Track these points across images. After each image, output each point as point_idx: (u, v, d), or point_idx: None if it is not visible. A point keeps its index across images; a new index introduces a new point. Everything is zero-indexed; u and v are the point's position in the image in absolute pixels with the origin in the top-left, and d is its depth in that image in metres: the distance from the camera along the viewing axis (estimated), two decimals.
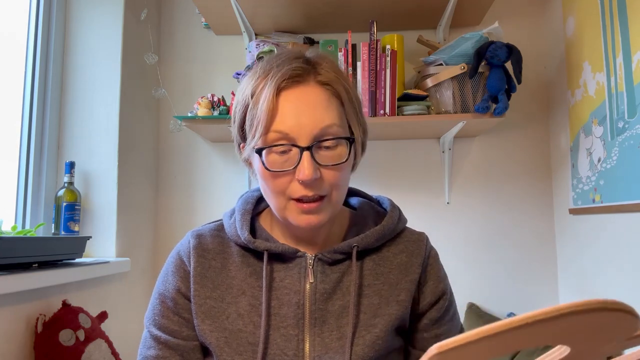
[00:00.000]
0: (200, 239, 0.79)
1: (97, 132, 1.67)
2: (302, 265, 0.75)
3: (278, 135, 0.68)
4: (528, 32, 1.95)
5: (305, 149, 0.67)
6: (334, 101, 0.71)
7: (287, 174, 0.69)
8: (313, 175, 0.66)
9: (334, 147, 0.69)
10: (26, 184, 1.55)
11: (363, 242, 0.75)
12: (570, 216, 1.73)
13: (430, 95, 1.73)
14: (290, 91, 0.69)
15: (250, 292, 0.74)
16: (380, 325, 0.73)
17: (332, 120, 0.69)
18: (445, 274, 0.83)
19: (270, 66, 0.71)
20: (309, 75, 0.71)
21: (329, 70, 0.72)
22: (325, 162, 0.69)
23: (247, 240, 0.75)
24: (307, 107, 0.68)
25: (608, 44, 1.45)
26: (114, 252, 1.64)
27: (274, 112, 0.68)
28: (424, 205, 1.93)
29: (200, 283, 0.75)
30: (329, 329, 0.73)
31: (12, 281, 1.09)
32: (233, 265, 0.77)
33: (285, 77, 0.69)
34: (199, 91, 1.97)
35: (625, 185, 1.37)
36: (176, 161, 2.00)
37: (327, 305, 0.73)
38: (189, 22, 2.05)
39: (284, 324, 0.72)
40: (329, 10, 1.80)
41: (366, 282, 0.76)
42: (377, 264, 0.77)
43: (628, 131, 1.35)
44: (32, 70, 1.58)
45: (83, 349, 1.23)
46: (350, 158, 0.71)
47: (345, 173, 0.72)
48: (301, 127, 0.67)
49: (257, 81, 0.71)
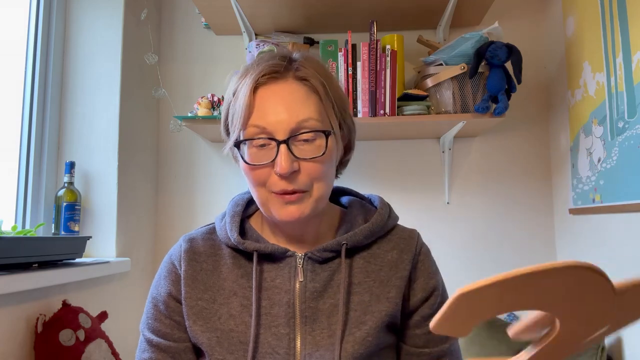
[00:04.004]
0: (192, 242, 0.80)
1: (97, 132, 1.67)
2: (292, 265, 0.76)
3: (256, 129, 0.70)
4: (528, 32, 1.95)
5: (282, 142, 0.69)
6: (313, 96, 0.72)
7: (266, 166, 0.70)
8: (289, 168, 0.68)
9: (312, 140, 0.71)
10: (26, 184, 1.55)
11: (352, 239, 0.76)
12: (570, 216, 1.73)
13: (430, 95, 1.73)
14: (268, 87, 0.72)
15: (242, 293, 0.75)
16: (370, 322, 0.74)
17: (309, 115, 0.70)
18: (436, 270, 0.83)
19: (252, 65, 0.74)
20: (287, 71, 0.73)
21: (307, 67, 0.73)
22: (303, 155, 0.70)
23: (237, 242, 0.76)
24: (284, 102, 0.70)
25: (608, 44, 1.45)
26: (114, 252, 1.64)
27: (251, 107, 0.70)
28: (423, 206, 1.93)
29: (191, 285, 0.76)
30: (320, 327, 0.73)
31: (12, 281, 1.09)
32: (224, 267, 0.78)
33: (264, 73, 0.71)
34: (199, 91, 1.97)
35: (626, 185, 1.37)
36: (176, 161, 2.00)
37: (317, 303, 0.74)
38: (189, 22, 2.05)
39: (275, 323, 0.73)
40: (329, 10, 1.80)
41: (356, 280, 0.76)
42: (367, 261, 0.78)
43: (628, 131, 1.35)
44: (32, 71, 1.58)
45: (83, 349, 1.23)
46: (329, 151, 0.72)
47: (326, 167, 0.73)
48: (278, 122, 0.69)
49: (240, 79, 0.74)
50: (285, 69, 0.73)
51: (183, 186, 1.99)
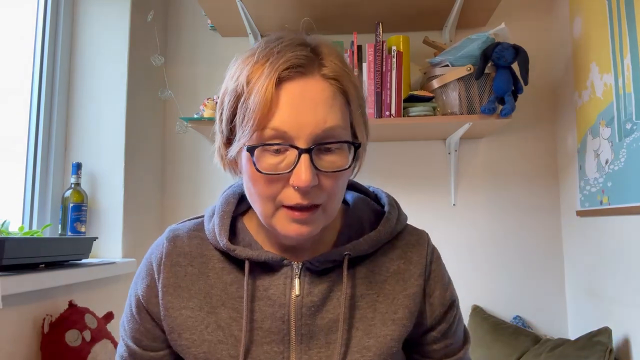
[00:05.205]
0: (175, 242, 0.72)
1: (104, 134, 1.68)
2: (288, 275, 0.68)
3: (274, 132, 0.59)
4: (535, 33, 1.94)
5: (305, 152, 0.58)
6: (339, 99, 0.62)
7: (280, 178, 0.60)
8: (311, 182, 0.58)
9: (335, 151, 0.61)
10: (33, 185, 1.56)
11: (356, 249, 0.68)
12: (578, 218, 1.72)
13: (436, 97, 1.72)
14: (292, 83, 0.60)
15: (231, 304, 0.68)
16: (374, 349, 0.66)
17: (336, 122, 0.60)
18: (449, 279, 0.76)
19: (270, 51, 0.61)
20: (313, 66, 0.61)
21: (336, 63, 0.62)
22: (325, 168, 0.60)
23: (227, 248, 0.68)
24: (309, 103, 0.59)
25: (616, 45, 1.44)
26: (120, 253, 1.64)
27: (272, 106, 0.58)
28: (429, 207, 1.92)
29: (173, 294, 0.68)
30: (317, 346, 0.66)
31: (19, 282, 1.10)
32: (212, 272, 0.70)
33: (288, 66, 0.59)
34: (205, 93, 1.98)
35: (633, 187, 1.35)
36: (182, 162, 2.01)
37: (315, 319, 0.67)
38: (195, 24, 2.06)
39: (268, 340, 0.66)
40: (334, 11, 1.80)
41: (358, 292, 0.68)
42: (370, 270, 0.70)
43: (636, 132, 1.34)
44: (39, 73, 1.59)
45: (89, 350, 1.24)
46: (352, 165, 0.64)
47: (344, 181, 0.64)
48: (301, 126, 0.58)
49: (254, 67, 0.61)
50: (311, 63, 0.61)
51: (189, 187, 2.00)
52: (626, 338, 1.41)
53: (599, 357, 1.34)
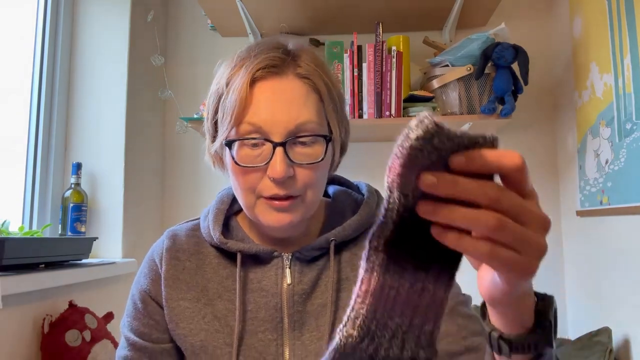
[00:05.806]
0: (174, 239, 0.76)
1: (104, 134, 1.68)
2: (279, 266, 0.72)
3: (250, 127, 0.64)
4: (535, 33, 1.93)
5: (279, 145, 0.63)
6: (313, 96, 0.67)
7: (258, 169, 0.65)
8: (285, 173, 0.63)
9: (309, 144, 0.66)
10: (33, 185, 1.56)
11: (340, 235, 0.72)
12: (578, 218, 1.72)
13: (436, 97, 1.72)
14: (266, 82, 0.65)
15: (227, 296, 0.72)
16: None
17: (309, 117, 0.65)
18: None
19: (248, 55, 0.67)
20: (287, 66, 0.67)
21: (309, 63, 0.68)
22: (300, 160, 0.65)
23: (219, 241, 0.72)
24: (283, 100, 0.65)
25: (616, 45, 1.44)
26: (120, 253, 1.65)
27: (247, 103, 0.64)
28: None
29: (172, 286, 0.72)
30: (309, 330, 0.70)
31: (19, 282, 1.10)
32: (209, 267, 0.74)
33: (261, 67, 0.65)
34: (205, 93, 1.94)
35: (633, 186, 1.35)
36: (182, 162, 2.01)
37: (305, 306, 0.71)
38: (195, 24, 2.05)
39: (262, 328, 0.70)
40: (334, 12, 1.80)
41: (344, 276, 0.72)
42: (353, 254, 0.74)
43: (636, 132, 1.34)
44: (39, 73, 1.59)
45: (89, 350, 1.24)
46: (327, 157, 0.68)
47: (321, 173, 0.68)
48: (275, 122, 0.64)
49: (233, 70, 0.67)
50: (285, 64, 0.67)
51: (189, 187, 2.00)
52: (626, 338, 1.41)
53: (599, 357, 1.34)
